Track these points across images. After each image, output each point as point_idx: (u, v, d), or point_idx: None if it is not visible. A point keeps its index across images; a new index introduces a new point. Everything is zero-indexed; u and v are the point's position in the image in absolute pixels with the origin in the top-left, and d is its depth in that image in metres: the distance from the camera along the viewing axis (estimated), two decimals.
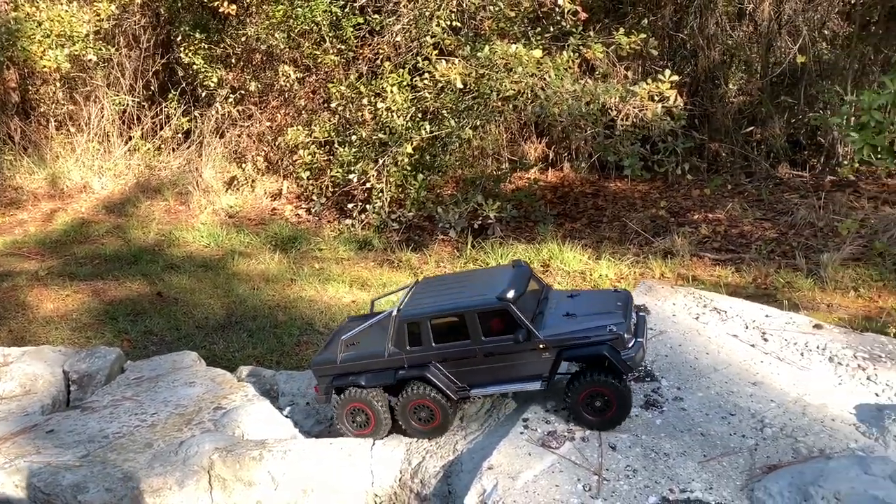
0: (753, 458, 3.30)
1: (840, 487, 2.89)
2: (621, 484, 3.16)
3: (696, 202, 11.83)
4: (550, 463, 3.25)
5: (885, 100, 9.72)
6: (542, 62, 10.66)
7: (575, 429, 3.52)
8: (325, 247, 11.20)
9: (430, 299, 3.86)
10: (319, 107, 12.90)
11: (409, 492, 3.52)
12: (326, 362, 3.99)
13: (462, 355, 3.70)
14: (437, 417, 3.79)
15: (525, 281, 3.79)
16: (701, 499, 3.04)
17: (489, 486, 3.13)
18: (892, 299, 8.58)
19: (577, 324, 3.63)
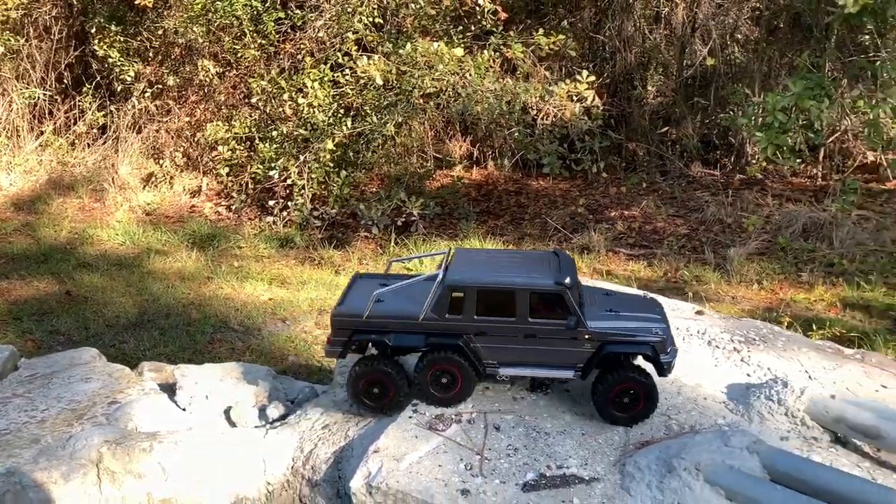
0: (628, 436, 3.49)
1: (700, 459, 3.09)
2: (502, 462, 3.30)
3: (614, 200, 12.20)
4: (436, 445, 3.37)
5: (789, 101, 10.25)
6: (464, 60, 10.81)
7: (462, 412, 3.65)
8: (244, 244, 11.07)
9: (478, 269, 3.75)
10: (240, 102, 12.73)
11: (301, 478, 3.57)
12: (350, 314, 3.79)
13: (502, 332, 3.64)
14: (458, 384, 3.71)
15: (575, 270, 3.81)
16: (576, 474, 3.20)
17: (374, 469, 3.21)
18: (792, 291, 9.04)
19: (623, 321, 3.67)
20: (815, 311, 8.52)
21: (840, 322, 8.01)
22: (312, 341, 7.85)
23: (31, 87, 13.04)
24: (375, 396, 3.83)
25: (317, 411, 3.89)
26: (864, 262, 9.34)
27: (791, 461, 3.10)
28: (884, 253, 9.43)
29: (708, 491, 2.98)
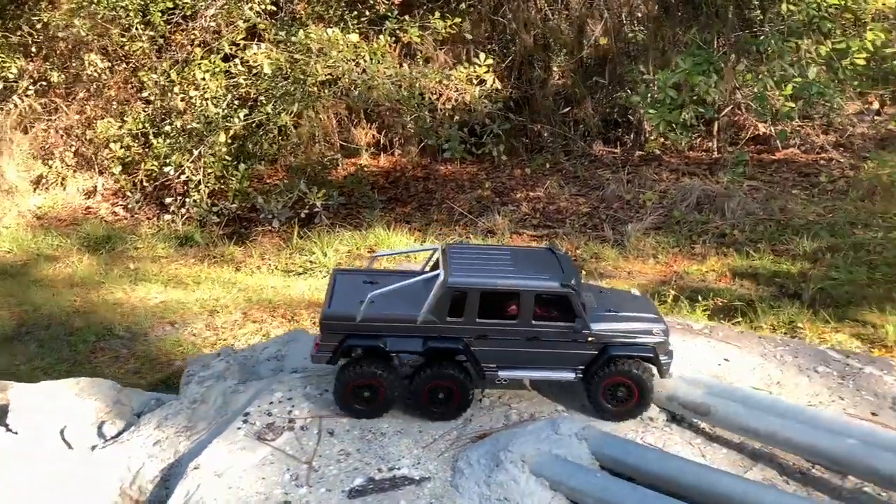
0: (466, 429, 3.40)
1: (527, 451, 3.02)
2: (331, 469, 3.16)
3: (519, 181, 12.18)
4: (262, 456, 3.20)
5: (679, 78, 10.37)
6: (359, 46, 10.56)
7: (297, 418, 3.49)
8: (142, 245, 10.64)
9: (478, 270, 3.55)
10: (132, 97, 12.18)
11: (130, 500, 3.37)
12: (341, 317, 3.56)
13: (504, 335, 3.49)
14: (456, 397, 3.54)
15: (576, 269, 3.65)
16: (407, 475, 3.09)
17: (192, 487, 3.03)
18: (686, 263, 9.17)
19: (625, 322, 3.55)
20: (707, 282, 8.67)
21: (728, 292, 8.16)
22: (202, 344, 7.56)
23: None
24: (366, 400, 3.61)
25: (150, 426, 3.67)
26: (753, 231, 9.55)
27: (618, 445, 3.06)
28: (772, 221, 9.67)
29: (533, 483, 2.91)
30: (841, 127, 11.81)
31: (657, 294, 7.79)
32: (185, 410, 3.74)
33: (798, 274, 8.39)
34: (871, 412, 3.45)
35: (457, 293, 3.49)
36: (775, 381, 3.64)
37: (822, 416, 3.19)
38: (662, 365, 3.51)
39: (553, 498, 2.84)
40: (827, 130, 11.66)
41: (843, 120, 11.88)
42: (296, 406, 3.49)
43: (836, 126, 11.76)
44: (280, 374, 3.86)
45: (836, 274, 8.25)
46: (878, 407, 3.49)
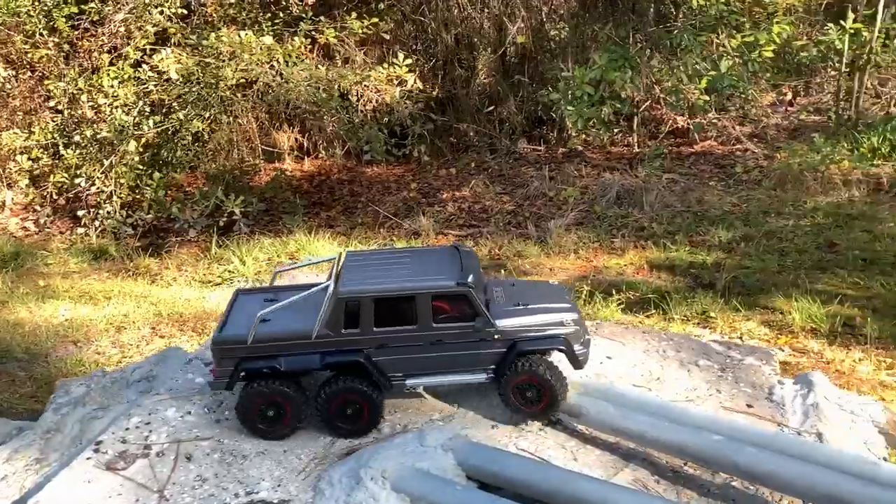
0: (334, 447, 3.25)
1: (387, 465, 2.90)
2: (184, 497, 2.97)
3: (445, 181, 12.09)
4: (110, 488, 2.99)
5: (595, 74, 10.43)
6: (273, 49, 10.32)
7: (154, 444, 3.29)
8: (53, 261, 10.19)
9: (372, 276, 3.37)
10: (39, 106, 11.68)
11: None
12: (232, 341, 3.35)
13: (405, 341, 3.31)
14: (365, 414, 3.36)
15: (478, 266, 3.47)
16: (265, 498, 2.92)
17: None
18: (606, 258, 9.19)
19: (532, 314, 3.39)
20: (625, 275, 8.68)
21: (645, 284, 8.17)
22: (105, 363, 7.21)
23: None
24: (271, 420, 3.41)
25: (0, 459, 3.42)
26: (671, 223, 9.64)
27: (483, 454, 2.96)
28: (689, 213, 9.77)
29: (394, 499, 2.79)
30: (756, 118, 12.05)
31: (573, 290, 7.76)
32: (37, 441, 3.49)
33: (713, 264, 8.47)
34: (746, 404, 3.43)
35: (349, 303, 3.33)
36: (655, 377, 3.59)
37: (692, 412, 3.15)
38: (578, 356, 3.41)
39: None
40: (743, 122, 11.89)
41: (757, 111, 12.13)
42: (154, 431, 3.27)
43: (751, 117, 11.99)
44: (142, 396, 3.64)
45: (748, 262, 8.35)
46: (754, 398, 3.47)
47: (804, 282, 7.56)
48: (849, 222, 8.78)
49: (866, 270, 7.73)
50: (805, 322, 6.82)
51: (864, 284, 7.44)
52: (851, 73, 10.68)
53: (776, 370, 3.73)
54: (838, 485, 2.65)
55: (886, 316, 6.79)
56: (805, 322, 6.82)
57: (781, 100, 12.66)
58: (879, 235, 8.41)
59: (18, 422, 3.99)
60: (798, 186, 9.62)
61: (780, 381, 3.60)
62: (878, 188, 9.55)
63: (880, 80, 11.68)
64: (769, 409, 3.36)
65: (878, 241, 8.29)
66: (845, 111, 10.89)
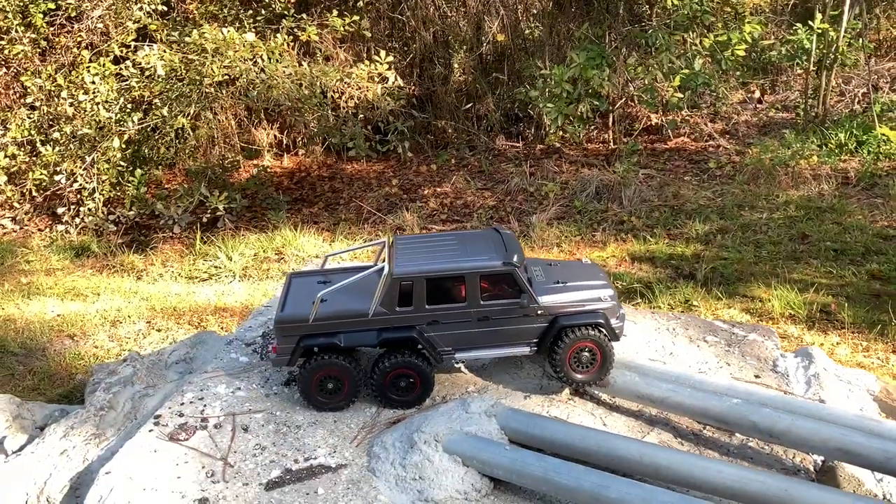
0: (380, 417, 3.50)
1: (439, 429, 3.16)
2: (247, 464, 3.19)
3: (426, 178, 12.34)
4: (176, 456, 3.20)
5: (573, 72, 10.80)
6: (256, 45, 10.45)
7: (209, 416, 3.50)
8: (34, 258, 10.17)
9: (422, 258, 3.57)
10: (15, 103, 11.60)
11: None
12: (294, 320, 3.55)
13: (455, 318, 3.50)
14: (417, 386, 3.56)
15: (519, 246, 3.66)
16: (323, 463, 3.16)
17: (105, 492, 3.00)
18: (588, 250, 9.55)
19: (572, 292, 3.58)
20: (608, 267, 9.03)
21: (628, 275, 8.55)
22: (104, 356, 7.32)
23: None
24: (330, 392, 3.61)
25: (56, 437, 3.59)
26: (649, 217, 10.03)
27: (523, 419, 3.24)
28: (666, 207, 10.17)
29: (447, 460, 3.04)
30: (727, 115, 12.55)
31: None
32: (92, 418, 3.67)
33: (692, 256, 8.88)
34: (754, 374, 3.77)
35: (403, 283, 3.57)
36: (668, 352, 3.91)
37: (709, 380, 3.47)
38: (614, 329, 3.64)
39: (466, 473, 2.98)
40: (714, 119, 12.37)
41: (728, 108, 12.63)
42: (208, 405, 3.49)
43: (722, 115, 12.48)
44: (188, 375, 3.84)
45: (725, 254, 8.78)
46: (760, 370, 3.81)
47: (782, 272, 8.01)
48: (819, 215, 9.29)
49: (838, 260, 8.22)
50: (784, 309, 7.25)
51: (836, 273, 7.91)
52: (819, 72, 11.23)
53: (777, 345, 4.09)
54: (848, 438, 2.99)
55: (859, 303, 7.26)
56: (784, 309, 7.25)
57: (750, 97, 13.21)
58: (848, 227, 8.92)
59: (57, 405, 4.14)
60: (770, 181, 10.10)
61: (782, 354, 3.95)
62: (845, 182, 10.09)
63: (845, 79, 12.29)
64: (775, 378, 3.70)
65: (847, 233, 8.80)
66: (813, 108, 11.44)
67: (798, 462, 3.20)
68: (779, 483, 2.71)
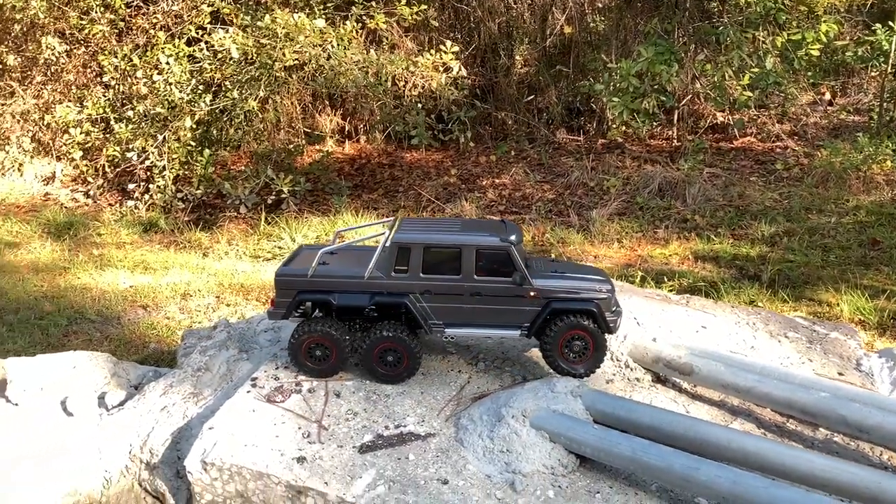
0: (464, 391, 3.61)
1: (526, 406, 3.25)
2: (340, 427, 3.34)
3: (485, 168, 12.42)
4: (274, 417, 3.37)
5: (641, 66, 10.74)
6: (325, 32, 10.64)
7: (303, 381, 3.66)
8: (105, 231, 10.56)
9: (424, 230, 3.70)
10: (92, 81, 12.04)
11: (140, 462, 3.49)
12: (293, 274, 3.69)
13: (448, 290, 3.58)
14: (404, 361, 3.66)
15: (521, 234, 3.77)
16: (413, 431, 3.29)
17: (209, 446, 3.18)
18: (650, 247, 9.52)
19: (568, 280, 3.65)
20: (671, 265, 9.01)
21: (691, 274, 8.51)
22: (175, 327, 7.60)
23: None
24: (318, 359, 3.73)
25: (155, 394, 3.79)
26: (714, 216, 9.95)
27: (609, 401, 3.31)
28: (731, 207, 10.08)
29: (534, 435, 3.14)
30: (795, 116, 12.34)
31: (624, 276, 8.11)
32: (189, 378, 3.87)
33: (757, 257, 8.79)
34: (838, 372, 3.77)
35: (401, 248, 3.66)
36: (749, 346, 3.93)
37: (795, 373, 3.49)
38: (607, 321, 3.63)
39: (553, 449, 3.07)
40: (782, 119, 12.18)
41: (797, 109, 12.42)
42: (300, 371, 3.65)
43: (790, 115, 12.28)
44: (279, 343, 4.01)
45: (792, 257, 8.67)
46: (844, 368, 3.81)
47: (851, 277, 7.89)
48: (892, 221, 9.10)
49: None
50: (853, 314, 7.15)
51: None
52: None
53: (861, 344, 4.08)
54: None
55: None
56: (853, 314, 7.15)
57: (821, 99, 12.96)
58: None
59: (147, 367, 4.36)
60: (840, 185, 9.93)
61: (866, 353, 3.94)
62: None
63: None
64: (859, 377, 3.71)
65: None
66: (888, 112, 11.19)
67: (885, 459, 3.21)
68: (871, 475, 2.74)
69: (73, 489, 3.37)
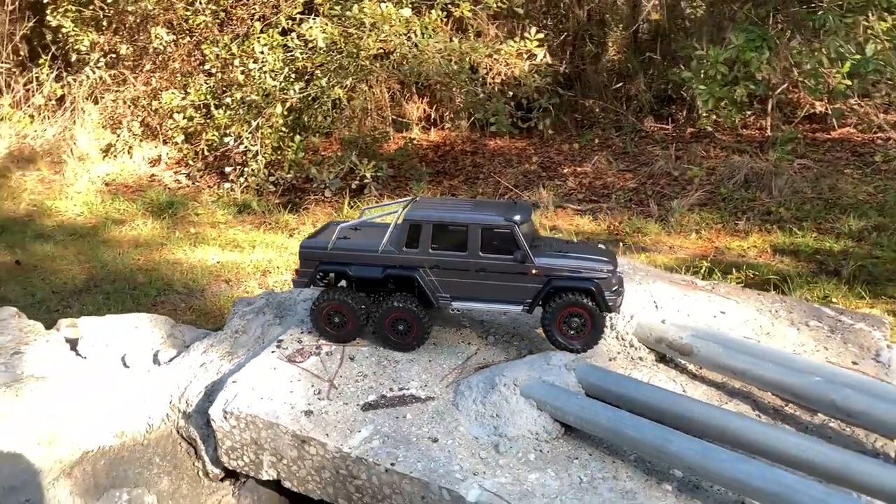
0: (470, 361, 3.83)
1: (519, 375, 3.44)
2: (349, 387, 3.65)
3: (567, 156, 12.46)
4: (291, 375, 3.72)
5: (730, 54, 10.48)
6: (411, 21, 10.99)
7: (323, 345, 3.99)
8: (202, 211, 11.37)
9: (435, 209, 4.00)
10: (195, 69, 12.93)
11: (178, 411, 3.93)
12: (317, 246, 4.08)
13: (455, 266, 3.85)
14: (413, 330, 3.96)
15: (530, 213, 4.04)
16: (414, 394, 3.55)
17: (230, 397, 3.56)
18: (728, 239, 9.35)
19: (570, 259, 3.84)
20: (747, 257, 8.83)
21: (766, 267, 8.32)
22: None
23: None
24: (336, 325, 4.09)
25: (198, 352, 4.24)
26: (800, 209, 9.63)
27: (600, 375, 3.45)
28: (820, 200, 9.72)
29: (522, 402, 3.33)
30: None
31: (692, 267, 8.05)
32: (227, 339, 4.30)
33: (840, 252, 8.48)
34: (852, 361, 3.73)
35: (412, 225, 3.92)
36: (765, 332, 3.94)
37: (795, 359, 3.50)
38: (606, 300, 3.76)
39: (539, 416, 3.26)
40: (888, 110, 11.56)
41: None
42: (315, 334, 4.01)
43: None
44: None
45: (879, 252, 8.31)
46: (861, 357, 3.75)
47: None
48: None
49: None
50: None
51: None
52: None
53: (886, 336, 3.99)
54: None
55: None
56: None
57: None
58: None
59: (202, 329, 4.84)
60: None
61: (888, 345, 3.87)
62: None
63: None
64: (874, 367, 3.66)
65: None
66: None
67: (879, 446, 3.20)
68: (841, 456, 2.77)
69: (121, 431, 3.86)
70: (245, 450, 3.54)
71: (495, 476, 3.05)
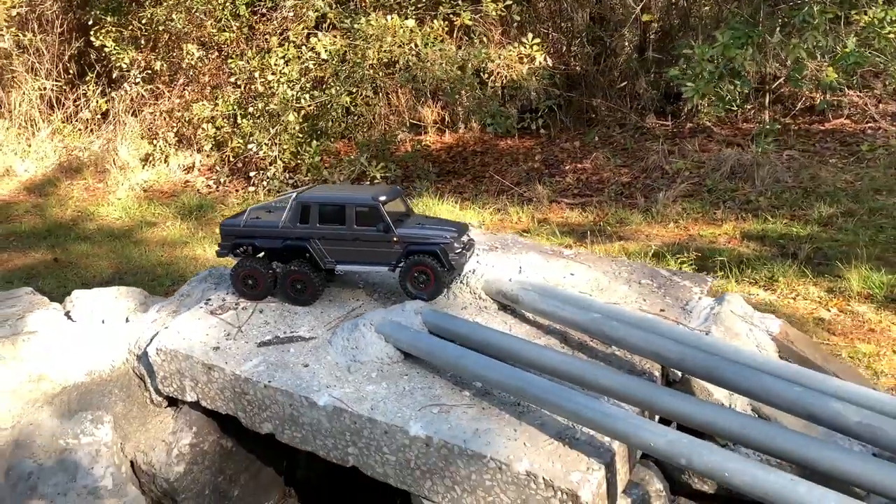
0: (353, 311, 4.94)
1: (375, 318, 4.52)
2: (253, 331, 4.79)
3: (570, 154, 13.37)
4: (211, 323, 4.89)
5: (716, 52, 11.25)
6: (414, 31, 12.18)
7: (241, 303, 5.16)
8: (227, 213, 12.76)
9: (320, 192, 5.24)
10: (223, 82, 14.45)
11: (133, 355, 5.16)
12: (233, 224, 5.31)
13: (336, 236, 5.00)
14: (308, 289, 5.12)
15: (395, 195, 5.22)
16: (301, 335, 4.67)
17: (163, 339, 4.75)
18: (703, 228, 10.12)
19: (424, 230, 4.96)
20: (716, 243, 9.59)
21: (728, 251, 9.07)
22: None
23: (40, 79, 15.09)
24: (251, 287, 5.29)
25: (154, 311, 5.50)
26: (779, 198, 10.29)
27: (439, 317, 4.48)
28: (799, 188, 10.36)
29: (374, 337, 4.40)
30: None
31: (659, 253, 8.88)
32: (175, 301, 5.54)
33: (806, 236, 9.15)
34: (660, 309, 4.61)
35: (303, 205, 5.09)
36: (600, 288, 4.86)
37: (595, 303, 4.45)
38: (448, 260, 4.81)
39: (385, 346, 4.33)
40: (882, 100, 12.04)
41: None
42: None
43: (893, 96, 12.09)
44: None
45: (840, 236, 8.95)
46: (670, 306, 4.63)
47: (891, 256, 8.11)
48: None
49: None
50: (862, 287, 7.51)
51: None
52: None
53: (703, 291, 4.84)
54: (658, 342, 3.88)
55: None
56: (862, 287, 7.51)
57: None
58: None
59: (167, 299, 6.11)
60: None
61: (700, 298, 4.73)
62: None
63: None
64: (677, 313, 4.55)
65: None
66: None
67: (647, 367, 4.13)
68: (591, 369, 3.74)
69: (91, 370, 5.13)
70: (172, 378, 4.74)
71: (343, 388, 4.15)
